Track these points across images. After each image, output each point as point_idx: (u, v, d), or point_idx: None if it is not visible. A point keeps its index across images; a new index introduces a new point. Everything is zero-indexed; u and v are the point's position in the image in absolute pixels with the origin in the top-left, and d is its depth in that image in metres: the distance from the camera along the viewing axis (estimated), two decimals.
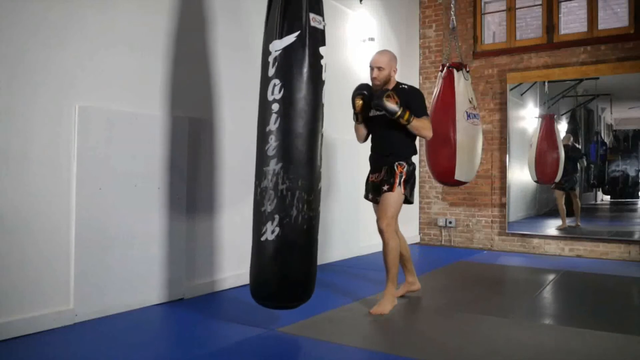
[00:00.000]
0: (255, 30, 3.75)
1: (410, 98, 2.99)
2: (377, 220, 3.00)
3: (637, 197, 5.38)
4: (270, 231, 2.38)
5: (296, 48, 2.41)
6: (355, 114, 3.08)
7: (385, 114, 2.92)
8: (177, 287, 3.19)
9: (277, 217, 2.37)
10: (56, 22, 2.61)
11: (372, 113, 3.08)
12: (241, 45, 3.64)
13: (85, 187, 2.71)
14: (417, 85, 6.20)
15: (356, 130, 3.19)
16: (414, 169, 3.07)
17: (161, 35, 3.14)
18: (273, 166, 2.39)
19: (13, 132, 2.44)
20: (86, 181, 2.71)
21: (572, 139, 5.62)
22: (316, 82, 2.44)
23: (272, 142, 2.41)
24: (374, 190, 3.12)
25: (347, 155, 4.75)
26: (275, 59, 2.44)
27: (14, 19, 2.44)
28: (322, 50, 2.48)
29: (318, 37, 2.47)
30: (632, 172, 5.41)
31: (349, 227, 4.86)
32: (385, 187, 2.98)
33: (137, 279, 2.96)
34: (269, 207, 2.40)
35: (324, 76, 2.50)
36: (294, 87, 2.40)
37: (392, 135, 3.02)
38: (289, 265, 2.41)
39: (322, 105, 2.50)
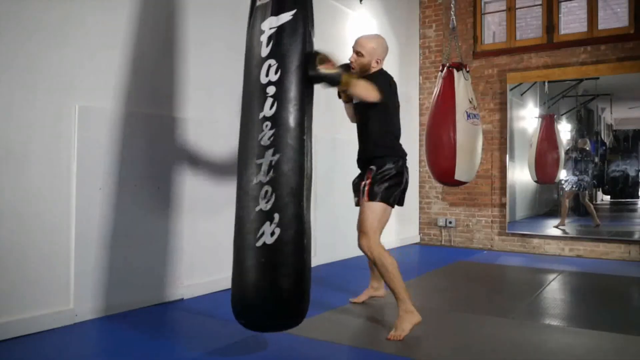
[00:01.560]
0: None
1: (373, 78, 2.61)
2: (357, 239, 2.66)
3: (637, 197, 5.38)
4: None
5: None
6: (338, 92, 2.77)
7: (360, 103, 2.64)
8: (176, 287, 3.19)
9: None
10: (56, 22, 2.61)
11: (355, 99, 2.76)
12: (241, 47, 3.64)
13: (85, 187, 2.71)
14: (417, 85, 6.20)
15: (344, 108, 2.95)
16: (394, 169, 2.64)
17: (161, 35, 3.14)
18: None
19: (13, 132, 2.44)
20: (86, 181, 2.71)
21: (588, 143, 5.61)
22: (251, 62, 2.23)
23: None
24: (355, 192, 2.86)
25: (346, 155, 4.74)
26: None
27: (13, 19, 2.43)
28: (265, 24, 2.20)
29: (262, 14, 2.24)
30: (632, 172, 5.41)
31: (349, 227, 4.85)
32: (358, 197, 2.71)
33: (137, 279, 2.96)
34: None
35: (265, 51, 2.17)
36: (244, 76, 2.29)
37: (369, 130, 2.69)
38: (233, 273, 2.18)
39: (264, 84, 2.14)
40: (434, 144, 4.14)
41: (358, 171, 2.90)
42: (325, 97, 4.58)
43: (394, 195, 2.66)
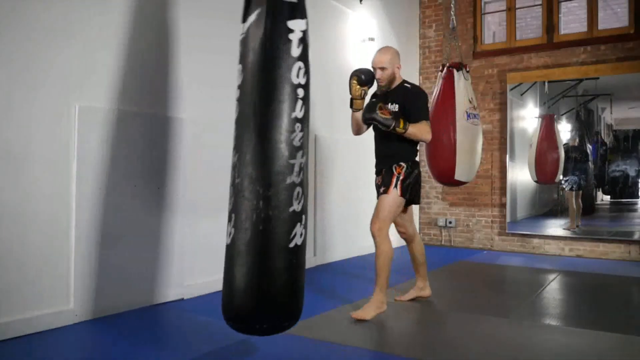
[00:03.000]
0: None
1: (411, 100, 2.92)
2: (370, 223, 2.92)
3: (637, 197, 5.38)
4: (229, 233, 2.05)
5: (256, 27, 2.16)
6: (350, 98, 2.96)
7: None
8: (177, 287, 3.19)
9: (233, 216, 2.06)
10: (56, 22, 2.61)
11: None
12: None
13: (85, 187, 2.71)
14: None
15: (351, 118, 3.08)
16: (416, 170, 2.98)
17: (161, 35, 3.14)
18: (234, 158, 2.16)
19: (13, 132, 2.44)
20: (86, 181, 2.71)
21: (577, 140, 5.60)
22: (280, 60, 2.14)
23: (235, 132, 2.20)
24: (377, 191, 3.04)
25: (347, 155, 4.75)
26: (240, 43, 2.24)
27: (14, 19, 2.44)
28: (293, 24, 2.17)
29: (285, 10, 2.17)
30: (632, 172, 5.41)
31: (349, 227, 4.86)
32: (382, 190, 2.93)
33: (137, 279, 2.96)
34: (230, 204, 2.09)
35: (297, 52, 2.17)
36: (251, 69, 2.14)
37: (392, 137, 2.91)
38: (245, 275, 2.00)
39: (296, 85, 2.13)
40: (434, 144, 4.13)
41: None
42: (324, 98, 4.59)
43: (415, 193, 2.97)
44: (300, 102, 2.14)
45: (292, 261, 2.03)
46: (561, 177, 5.56)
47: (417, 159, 3.05)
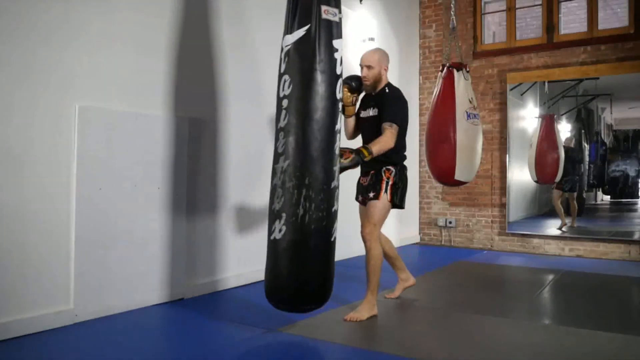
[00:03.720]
0: (256, 27, 3.76)
1: (387, 103, 2.90)
2: (361, 227, 2.93)
3: (637, 197, 5.37)
4: (278, 230, 2.35)
5: (305, 42, 2.35)
6: (342, 105, 2.97)
7: (373, 116, 2.93)
8: (177, 287, 3.19)
9: (284, 215, 2.34)
10: (56, 22, 2.61)
11: (362, 113, 3.04)
12: (241, 44, 3.64)
13: (85, 187, 2.71)
14: (417, 85, 6.20)
15: (344, 124, 3.08)
16: (404, 173, 2.99)
17: (161, 34, 3.14)
18: (282, 163, 2.36)
19: (13, 131, 2.44)
20: (86, 181, 2.71)
21: (573, 140, 5.62)
22: (328, 77, 2.37)
23: (281, 139, 2.39)
24: (362, 193, 3.04)
25: None
26: (286, 54, 2.41)
27: (14, 19, 2.43)
28: (336, 43, 2.41)
29: (331, 30, 2.40)
30: (632, 172, 5.40)
31: (349, 227, 4.85)
32: (371, 194, 2.91)
33: (137, 279, 2.96)
34: (277, 205, 2.37)
35: (339, 70, 2.43)
36: (302, 82, 2.34)
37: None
38: (297, 265, 2.36)
39: (337, 100, 2.42)
40: (434, 144, 4.14)
41: (357, 171, 3.04)
42: None
43: (402, 197, 2.98)
44: (339, 116, 2.45)
45: (333, 251, 2.48)
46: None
47: (405, 163, 3.03)
